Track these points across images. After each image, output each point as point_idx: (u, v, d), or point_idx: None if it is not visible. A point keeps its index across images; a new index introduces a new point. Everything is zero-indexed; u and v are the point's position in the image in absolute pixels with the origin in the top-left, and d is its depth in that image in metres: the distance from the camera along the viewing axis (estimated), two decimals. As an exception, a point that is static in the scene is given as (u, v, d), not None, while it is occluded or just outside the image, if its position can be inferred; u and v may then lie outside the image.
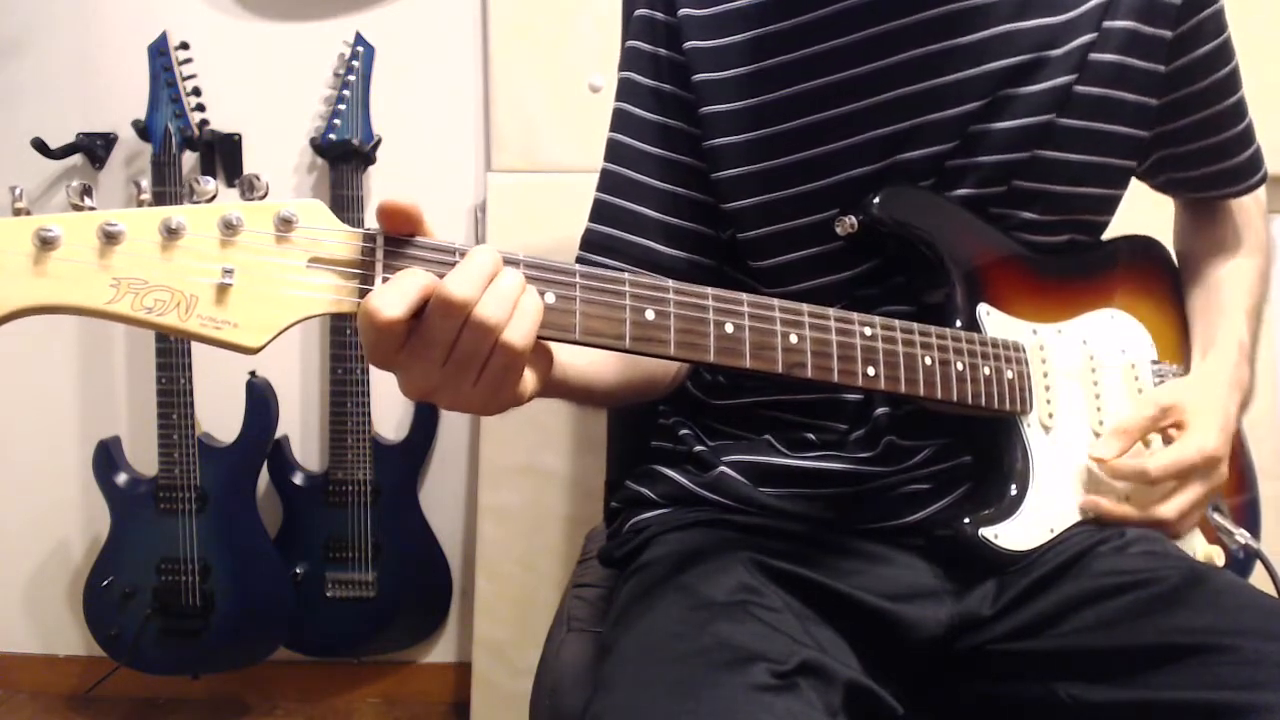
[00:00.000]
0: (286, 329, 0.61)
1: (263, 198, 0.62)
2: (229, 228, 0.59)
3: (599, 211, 1.05)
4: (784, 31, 0.98)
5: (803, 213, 0.98)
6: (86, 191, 0.57)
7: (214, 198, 0.61)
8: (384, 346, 0.64)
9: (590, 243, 1.04)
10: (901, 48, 0.95)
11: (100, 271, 0.56)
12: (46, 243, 0.55)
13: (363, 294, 0.63)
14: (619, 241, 1.03)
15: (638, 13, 1.06)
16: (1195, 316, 1.11)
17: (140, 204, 0.60)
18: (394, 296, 0.62)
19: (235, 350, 0.60)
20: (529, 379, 0.71)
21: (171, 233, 0.58)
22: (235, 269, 0.59)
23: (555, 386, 0.79)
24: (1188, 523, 0.96)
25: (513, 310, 0.66)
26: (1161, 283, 1.13)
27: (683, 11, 1.02)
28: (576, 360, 0.83)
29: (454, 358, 0.65)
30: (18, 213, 0.56)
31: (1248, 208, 1.15)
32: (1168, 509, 0.94)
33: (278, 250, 0.61)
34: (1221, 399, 1.00)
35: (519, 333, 0.66)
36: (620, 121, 1.06)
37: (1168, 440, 0.98)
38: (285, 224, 0.61)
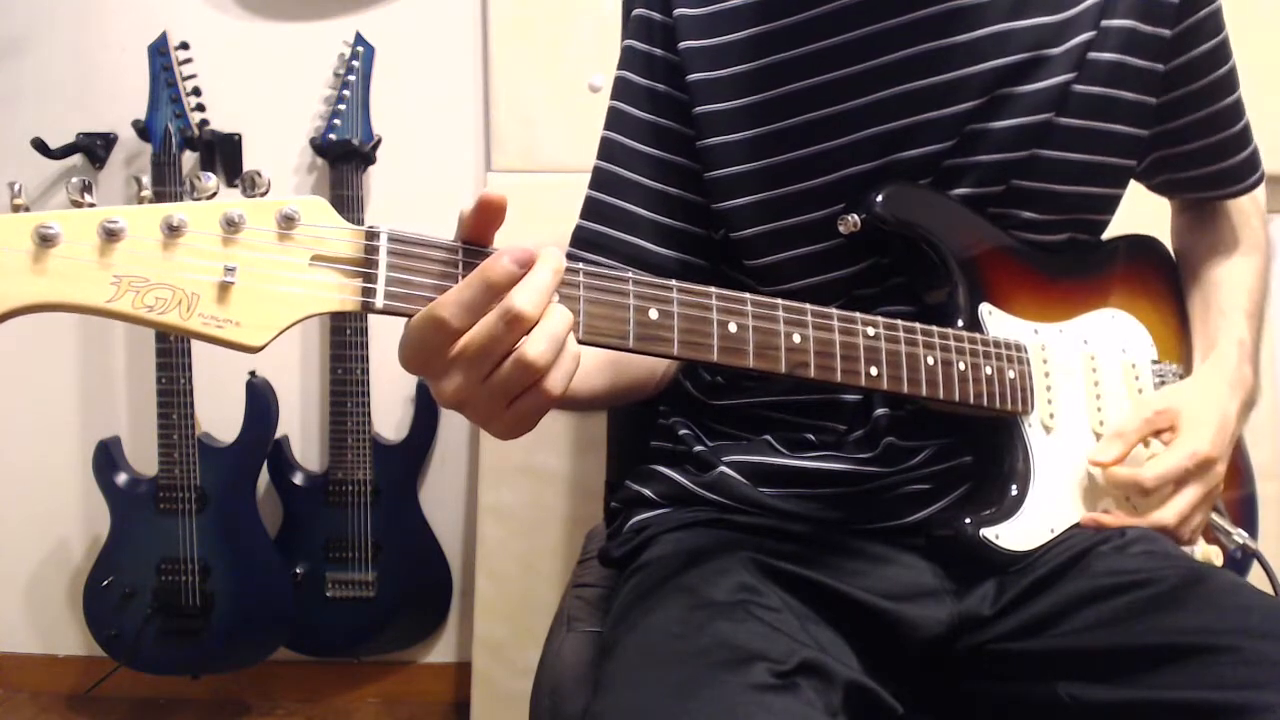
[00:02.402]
0: (288, 328, 0.61)
1: (264, 195, 0.61)
2: (231, 225, 0.59)
3: (590, 209, 1.06)
4: (780, 30, 0.98)
5: (799, 211, 0.98)
6: (87, 188, 0.57)
7: (215, 195, 0.60)
8: (428, 351, 0.65)
9: (580, 240, 1.05)
10: (898, 46, 0.95)
11: (101, 269, 0.56)
12: (46, 240, 0.54)
13: (365, 292, 0.63)
14: (609, 239, 1.03)
15: (634, 12, 1.06)
16: (1194, 319, 1.11)
17: (141, 201, 0.59)
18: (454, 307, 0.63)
19: (237, 349, 0.59)
20: None
21: (173, 230, 0.57)
22: (237, 267, 0.59)
23: None
24: (1189, 526, 0.96)
25: (559, 353, 0.66)
26: (1162, 283, 1.13)
27: (678, 11, 1.02)
28: None
29: (492, 381, 0.66)
30: (17, 209, 0.55)
31: (1244, 208, 1.15)
32: (1166, 514, 0.94)
33: (280, 248, 0.61)
34: (1219, 401, 1.00)
35: (558, 382, 0.67)
36: (614, 120, 1.06)
37: (1164, 444, 0.98)
38: (287, 221, 0.60)
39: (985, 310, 0.95)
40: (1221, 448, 0.96)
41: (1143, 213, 1.17)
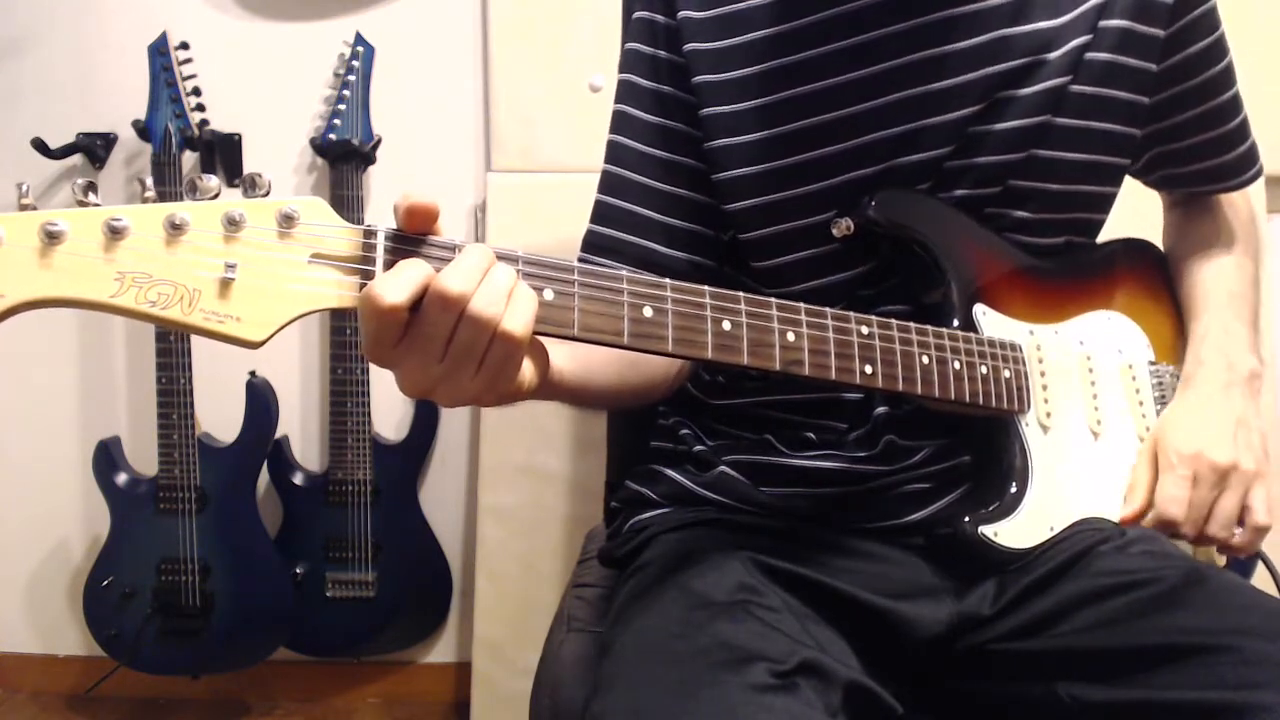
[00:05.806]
0: (288, 324, 0.62)
1: (265, 195, 0.63)
2: (232, 224, 0.60)
3: (599, 213, 1.06)
4: (785, 34, 0.98)
5: (803, 214, 0.98)
6: (91, 188, 0.58)
7: (217, 195, 0.62)
8: (383, 338, 0.65)
9: (591, 244, 1.05)
10: (901, 51, 0.96)
11: (105, 265, 0.57)
12: (53, 237, 0.56)
13: (363, 289, 0.64)
14: (619, 243, 1.03)
15: (637, 15, 1.06)
16: (1185, 317, 1.11)
17: (145, 201, 0.60)
18: (396, 284, 0.64)
19: (237, 344, 0.60)
20: (528, 371, 0.72)
21: (175, 228, 0.58)
22: (238, 264, 0.60)
23: (551, 388, 0.80)
24: (1230, 532, 0.96)
25: (508, 301, 0.66)
26: (1158, 284, 1.13)
27: (682, 13, 1.02)
28: (572, 363, 0.83)
29: (452, 351, 0.66)
30: (24, 208, 0.57)
31: (1238, 206, 1.15)
32: (1214, 529, 0.95)
33: (280, 246, 0.62)
34: (1214, 411, 1.00)
35: (517, 321, 0.67)
36: (620, 123, 1.06)
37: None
38: (287, 220, 0.62)
39: (979, 311, 0.95)
40: (1234, 451, 0.96)
41: (1139, 214, 1.17)
